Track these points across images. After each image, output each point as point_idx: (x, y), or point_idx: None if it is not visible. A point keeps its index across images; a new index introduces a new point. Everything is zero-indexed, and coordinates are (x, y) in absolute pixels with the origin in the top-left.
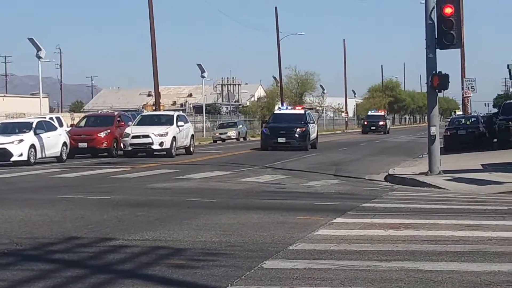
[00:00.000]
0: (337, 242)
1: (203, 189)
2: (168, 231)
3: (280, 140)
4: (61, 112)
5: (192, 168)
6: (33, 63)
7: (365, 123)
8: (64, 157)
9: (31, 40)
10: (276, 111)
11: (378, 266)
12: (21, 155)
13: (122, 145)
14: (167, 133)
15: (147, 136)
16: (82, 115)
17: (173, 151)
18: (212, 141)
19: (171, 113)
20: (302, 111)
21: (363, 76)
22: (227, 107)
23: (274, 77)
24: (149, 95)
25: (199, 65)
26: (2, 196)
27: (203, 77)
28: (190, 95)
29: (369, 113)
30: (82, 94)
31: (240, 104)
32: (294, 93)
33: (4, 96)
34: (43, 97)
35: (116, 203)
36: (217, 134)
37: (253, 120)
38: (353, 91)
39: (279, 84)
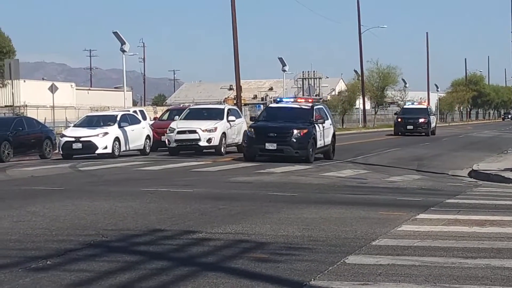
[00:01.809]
0: (420, 238)
1: (285, 183)
2: (250, 225)
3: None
4: (144, 105)
5: (273, 162)
6: (117, 57)
7: (399, 120)
8: (148, 150)
9: (115, 34)
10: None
11: (463, 263)
12: (105, 147)
13: (166, 141)
14: (215, 128)
15: (194, 132)
16: (165, 108)
17: (222, 148)
18: None
19: (221, 107)
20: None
21: (446, 69)
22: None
23: (356, 71)
24: (230, 88)
25: (280, 59)
26: (88, 188)
27: (284, 70)
28: (271, 89)
29: (406, 105)
30: (164, 87)
31: (320, 98)
32: (375, 87)
33: (89, 89)
34: (126, 91)
35: (199, 196)
36: None
37: (334, 114)
38: (436, 85)
39: (360, 78)
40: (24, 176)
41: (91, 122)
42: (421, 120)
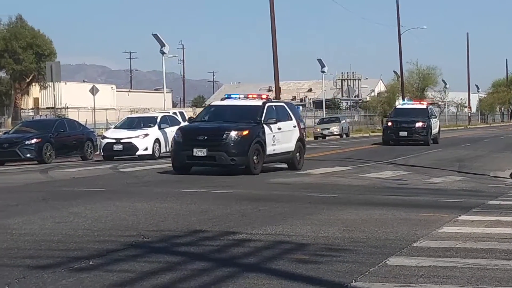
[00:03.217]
0: (462, 240)
1: (324, 184)
2: (291, 226)
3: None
4: (184, 107)
5: (312, 163)
6: (157, 59)
7: (389, 124)
8: None
9: (155, 36)
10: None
11: (506, 265)
12: (146, 149)
13: None
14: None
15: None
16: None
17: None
18: (313, 138)
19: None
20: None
21: (487, 70)
22: (347, 102)
23: (395, 72)
24: (269, 90)
25: (319, 60)
26: (129, 189)
27: (323, 72)
28: (310, 90)
29: (399, 105)
30: (203, 89)
31: (360, 99)
32: (415, 88)
33: (129, 91)
34: (166, 92)
35: (239, 198)
36: (318, 130)
37: (373, 116)
38: (476, 86)
39: (400, 79)
40: (66, 177)
41: (131, 123)
42: (418, 124)
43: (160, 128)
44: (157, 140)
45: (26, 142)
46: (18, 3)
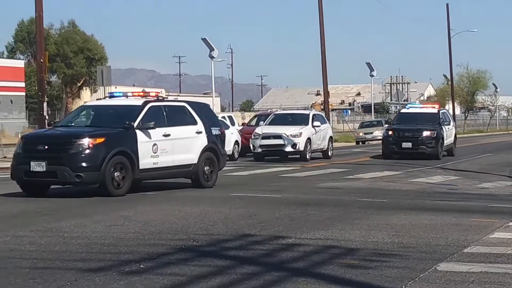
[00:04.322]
0: None
1: (373, 189)
2: (340, 231)
3: None
4: (232, 111)
5: (361, 167)
6: (205, 63)
7: (389, 132)
8: (236, 156)
9: (204, 40)
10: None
11: None
12: None
13: (251, 146)
14: (300, 133)
15: (279, 137)
16: (252, 114)
17: (307, 154)
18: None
19: (306, 112)
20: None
21: None
22: (396, 106)
23: (445, 76)
24: (318, 94)
25: (368, 64)
26: (177, 194)
27: (371, 75)
28: (359, 94)
29: (404, 109)
30: (252, 93)
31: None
32: (465, 91)
33: (178, 95)
34: (215, 96)
35: (287, 202)
36: (360, 134)
37: None
38: None
39: (450, 83)
40: None
41: None
42: (426, 133)
43: None
44: None
45: None
46: (71, 9)
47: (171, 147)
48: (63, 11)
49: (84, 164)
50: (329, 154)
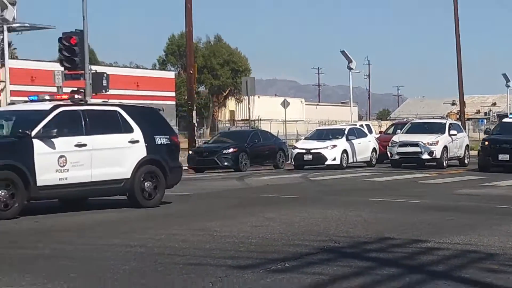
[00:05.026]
0: None
1: (511, 197)
2: (478, 236)
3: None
4: (369, 119)
5: (497, 176)
6: (344, 74)
7: (486, 143)
8: (374, 162)
9: (343, 52)
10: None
11: None
12: (334, 159)
13: (388, 153)
14: (437, 142)
15: (416, 145)
16: (389, 123)
17: (444, 161)
18: None
19: (443, 121)
20: None
21: None
22: None
23: None
24: (453, 104)
25: (504, 75)
26: (319, 197)
27: (508, 86)
28: (494, 103)
29: (507, 118)
30: (388, 102)
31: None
32: None
33: (317, 104)
34: (352, 106)
35: (425, 207)
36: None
37: None
38: None
39: None
40: (260, 184)
41: (320, 135)
42: None
43: (347, 139)
44: (344, 151)
45: (224, 152)
46: (217, 24)
47: (89, 160)
48: (209, 27)
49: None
50: (466, 161)
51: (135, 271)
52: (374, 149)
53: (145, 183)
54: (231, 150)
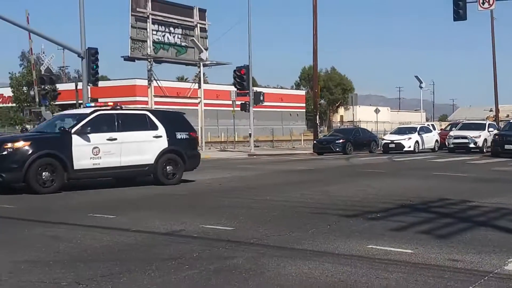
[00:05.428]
0: None
1: None
2: (509, 198)
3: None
4: (433, 121)
5: None
6: (417, 90)
7: (496, 137)
8: (436, 149)
9: (416, 77)
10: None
11: None
12: (409, 147)
13: (446, 143)
14: (479, 136)
15: (465, 138)
16: (447, 123)
17: (484, 149)
18: None
19: (483, 122)
20: None
21: None
22: None
23: None
24: (491, 110)
25: None
26: (400, 172)
27: None
28: None
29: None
30: (446, 109)
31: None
32: None
33: (398, 111)
34: (422, 112)
35: (471, 179)
36: None
37: None
38: None
39: None
40: (360, 163)
41: (400, 131)
42: None
43: (418, 134)
44: (416, 142)
45: (336, 141)
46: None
47: (119, 150)
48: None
49: (6, 165)
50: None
51: (280, 216)
52: (436, 140)
53: (167, 167)
54: (341, 140)
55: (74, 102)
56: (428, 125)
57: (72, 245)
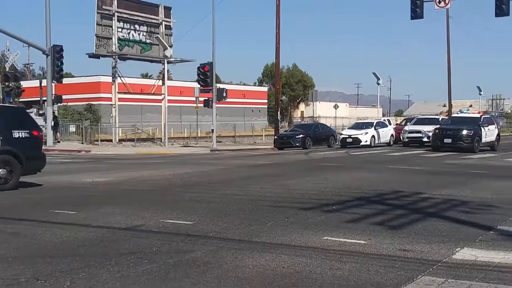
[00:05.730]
0: None
1: (482, 165)
2: (457, 190)
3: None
4: (389, 116)
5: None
6: (374, 87)
7: (436, 131)
8: (391, 143)
9: (374, 73)
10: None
11: None
12: (366, 141)
13: (401, 137)
14: (433, 130)
15: (419, 132)
16: (402, 118)
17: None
18: None
19: (437, 117)
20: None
21: None
22: (495, 113)
23: None
24: (444, 105)
25: (478, 87)
26: (355, 165)
27: (480, 94)
28: (471, 106)
29: (455, 114)
30: (402, 105)
31: (503, 111)
32: None
33: (356, 107)
34: (379, 107)
35: (424, 172)
36: None
37: None
38: None
39: None
40: (318, 157)
41: (357, 126)
42: (464, 132)
43: (375, 128)
44: (373, 136)
45: (296, 137)
46: (293, 56)
47: None
48: (290, 57)
49: None
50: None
51: (240, 210)
52: (392, 135)
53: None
54: (301, 136)
55: (38, 99)
56: (384, 120)
57: (31, 241)
